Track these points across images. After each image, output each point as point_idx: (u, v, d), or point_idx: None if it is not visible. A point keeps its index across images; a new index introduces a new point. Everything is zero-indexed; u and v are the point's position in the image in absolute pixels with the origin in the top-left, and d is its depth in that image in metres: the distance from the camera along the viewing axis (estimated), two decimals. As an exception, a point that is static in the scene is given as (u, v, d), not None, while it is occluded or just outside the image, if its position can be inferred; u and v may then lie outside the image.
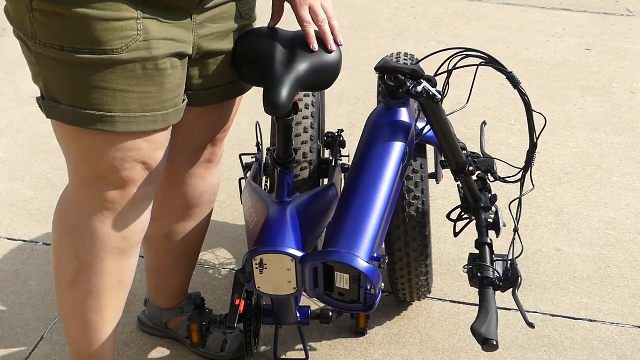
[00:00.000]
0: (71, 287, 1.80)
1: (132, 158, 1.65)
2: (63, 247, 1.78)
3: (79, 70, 1.57)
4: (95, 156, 1.65)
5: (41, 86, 1.64)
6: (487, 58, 1.78)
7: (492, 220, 2.01)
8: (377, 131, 1.86)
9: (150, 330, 2.29)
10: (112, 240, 1.74)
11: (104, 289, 1.80)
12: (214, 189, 2.07)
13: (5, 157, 3.18)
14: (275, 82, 1.71)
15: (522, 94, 1.78)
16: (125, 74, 1.58)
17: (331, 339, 2.31)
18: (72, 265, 1.77)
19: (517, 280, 1.79)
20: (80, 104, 1.59)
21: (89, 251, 1.75)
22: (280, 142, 1.90)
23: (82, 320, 1.84)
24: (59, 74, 1.59)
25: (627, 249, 2.70)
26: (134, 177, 1.68)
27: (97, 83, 1.57)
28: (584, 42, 4.24)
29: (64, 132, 1.67)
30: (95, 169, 1.66)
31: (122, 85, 1.58)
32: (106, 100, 1.59)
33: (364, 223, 1.74)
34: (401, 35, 4.31)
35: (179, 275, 2.17)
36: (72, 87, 1.59)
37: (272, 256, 1.75)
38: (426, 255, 2.17)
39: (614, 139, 3.35)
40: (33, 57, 1.61)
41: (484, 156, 2.13)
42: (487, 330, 1.65)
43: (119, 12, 1.54)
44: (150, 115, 1.63)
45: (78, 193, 1.73)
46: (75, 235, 1.75)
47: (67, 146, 1.70)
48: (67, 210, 1.77)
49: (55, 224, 1.81)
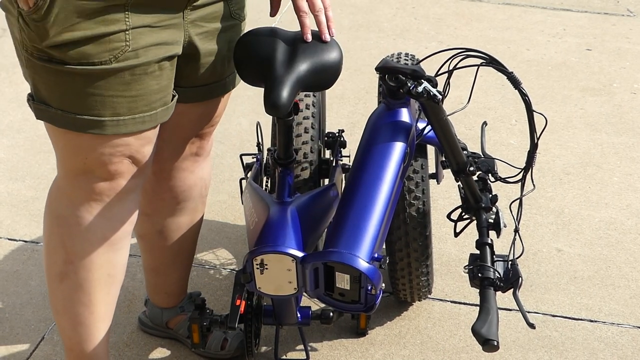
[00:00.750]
0: (60, 280, 1.81)
1: (120, 153, 1.68)
2: (52, 238, 1.80)
3: (67, 77, 1.58)
4: (84, 152, 1.67)
5: (31, 86, 1.67)
6: (487, 58, 1.78)
7: (492, 220, 2.01)
8: (378, 131, 1.86)
9: (151, 330, 2.29)
10: (100, 230, 1.76)
11: (93, 282, 1.80)
12: (204, 182, 2.07)
13: (6, 157, 3.18)
14: (276, 82, 1.71)
15: (522, 94, 1.78)
16: (114, 81, 1.60)
17: (332, 339, 2.31)
18: (60, 257, 1.79)
19: (518, 280, 1.79)
20: (69, 109, 1.62)
21: (76, 242, 1.76)
22: (280, 142, 1.89)
23: (72, 314, 1.84)
24: (47, 79, 1.61)
25: (627, 249, 2.70)
26: (122, 170, 1.70)
27: (86, 90, 1.59)
28: (585, 43, 4.24)
29: (53, 129, 1.70)
30: (83, 163, 1.69)
31: (110, 91, 1.60)
32: (95, 105, 1.61)
33: (365, 223, 1.74)
34: (402, 35, 4.31)
35: (176, 272, 2.18)
36: (61, 92, 1.61)
37: (273, 256, 1.75)
38: (427, 255, 2.17)
39: (615, 139, 3.35)
40: (23, 59, 1.65)
41: (484, 156, 2.13)
42: (487, 330, 1.65)
43: (107, 28, 1.55)
44: (138, 116, 1.65)
45: (66, 184, 1.76)
46: (64, 226, 1.76)
47: (56, 141, 1.74)
48: (55, 201, 1.79)
49: (44, 216, 1.84)
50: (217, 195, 2.92)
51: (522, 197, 1.91)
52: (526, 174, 1.91)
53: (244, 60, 1.79)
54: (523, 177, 1.92)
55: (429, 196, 2.14)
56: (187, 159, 1.98)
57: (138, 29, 1.58)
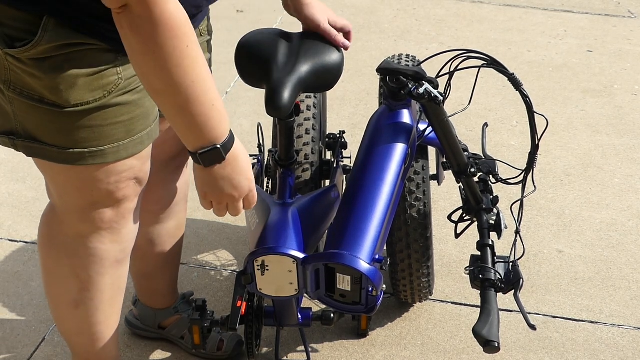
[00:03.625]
0: (74, 307, 1.79)
1: (125, 178, 1.63)
2: (60, 269, 1.75)
3: (62, 116, 1.50)
4: (89, 185, 1.60)
5: (16, 125, 1.53)
6: (489, 60, 1.78)
7: (493, 221, 2.01)
8: (379, 133, 1.86)
9: (141, 332, 2.29)
10: (112, 255, 1.73)
11: (108, 300, 1.80)
12: (187, 184, 2.08)
13: (7, 158, 3.18)
14: (277, 83, 1.71)
15: (523, 95, 1.78)
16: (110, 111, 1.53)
17: (333, 341, 2.31)
18: (74, 286, 1.75)
19: (519, 282, 1.79)
20: (66, 144, 1.52)
21: (90, 271, 1.73)
22: (281, 143, 1.89)
23: (89, 333, 1.84)
24: (39, 118, 1.51)
25: (628, 251, 2.70)
26: (129, 194, 1.66)
27: (83, 123, 1.51)
28: (586, 44, 4.24)
29: (49, 166, 1.59)
30: (90, 196, 1.62)
31: (108, 120, 1.53)
32: (93, 137, 1.53)
33: (366, 225, 1.74)
34: (403, 37, 4.31)
35: (168, 273, 2.18)
36: (55, 129, 1.51)
37: (274, 257, 1.75)
38: (428, 256, 2.17)
39: (616, 140, 3.35)
40: (6, 99, 1.51)
41: (485, 157, 2.13)
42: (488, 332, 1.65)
43: (99, 66, 1.49)
44: (137, 137, 1.59)
45: (70, 219, 1.68)
46: (74, 257, 1.72)
47: (53, 177, 1.63)
48: (59, 235, 1.72)
49: (45, 248, 1.76)
50: (218, 196, 2.92)
51: (523, 198, 1.91)
52: (527, 175, 1.91)
53: (245, 61, 1.79)
54: (524, 179, 1.92)
55: (430, 197, 2.14)
56: (174, 171, 1.99)
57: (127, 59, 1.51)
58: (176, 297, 2.25)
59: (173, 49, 1.32)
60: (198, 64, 1.37)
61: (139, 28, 1.31)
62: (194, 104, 1.38)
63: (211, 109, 1.40)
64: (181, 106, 1.38)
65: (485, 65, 1.79)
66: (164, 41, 1.31)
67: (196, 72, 1.36)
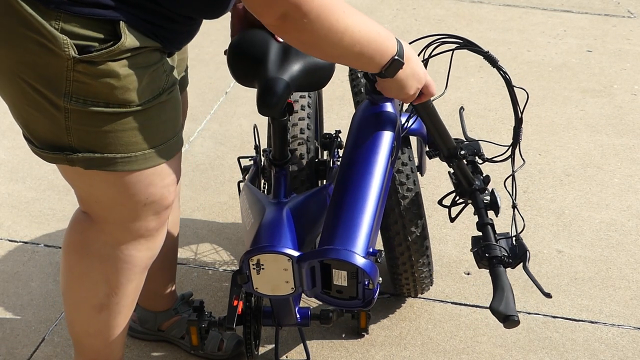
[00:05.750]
0: (98, 311, 1.79)
1: (172, 180, 1.65)
2: (92, 274, 1.75)
3: (123, 118, 1.50)
4: (144, 191, 1.60)
5: (69, 141, 1.52)
6: (462, 42, 1.79)
7: (489, 200, 2.02)
8: (364, 127, 1.87)
9: (140, 335, 2.29)
10: (143, 261, 1.75)
11: (129, 305, 1.82)
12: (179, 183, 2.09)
13: (7, 158, 3.18)
14: (268, 82, 1.71)
15: (501, 71, 1.81)
16: (163, 109, 1.56)
17: (332, 340, 2.31)
18: (102, 291, 1.76)
19: (525, 254, 1.78)
20: (126, 150, 1.53)
21: (121, 277, 1.74)
22: (275, 142, 1.90)
23: (107, 336, 1.85)
24: (99, 125, 1.50)
25: (628, 251, 2.70)
26: (172, 199, 1.68)
27: (144, 123, 1.53)
28: (585, 44, 4.24)
29: (100, 178, 1.57)
30: (143, 204, 1.62)
31: (162, 117, 1.56)
32: (150, 137, 1.55)
33: (358, 219, 1.73)
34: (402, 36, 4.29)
35: (167, 273, 2.19)
36: (115, 135, 1.51)
37: (269, 256, 1.75)
38: (426, 246, 2.18)
39: (615, 140, 3.35)
40: (61, 113, 1.49)
41: (467, 140, 2.15)
42: (505, 307, 1.64)
43: (155, 64, 1.52)
44: (178, 135, 1.64)
45: (112, 228, 1.68)
46: (107, 263, 1.72)
47: (104, 191, 1.61)
48: (96, 242, 1.71)
49: (75, 254, 1.75)
50: (217, 196, 2.92)
51: (514, 172, 1.92)
52: (514, 150, 1.91)
53: (237, 60, 1.79)
54: (512, 153, 1.92)
55: (419, 186, 2.15)
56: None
57: (167, 58, 1.58)
58: (175, 298, 2.25)
59: (337, 22, 1.45)
60: (354, 14, 1.49)
61: (305, 26, 1.42)
62: (367, 44, 1.53)
63: (378, 36, 1.55)
64: (358, 52, 1.53)
65: (460, 47, 1.81)
66: (329, 23, 1.44)
67: (357, 21, 1.49)
